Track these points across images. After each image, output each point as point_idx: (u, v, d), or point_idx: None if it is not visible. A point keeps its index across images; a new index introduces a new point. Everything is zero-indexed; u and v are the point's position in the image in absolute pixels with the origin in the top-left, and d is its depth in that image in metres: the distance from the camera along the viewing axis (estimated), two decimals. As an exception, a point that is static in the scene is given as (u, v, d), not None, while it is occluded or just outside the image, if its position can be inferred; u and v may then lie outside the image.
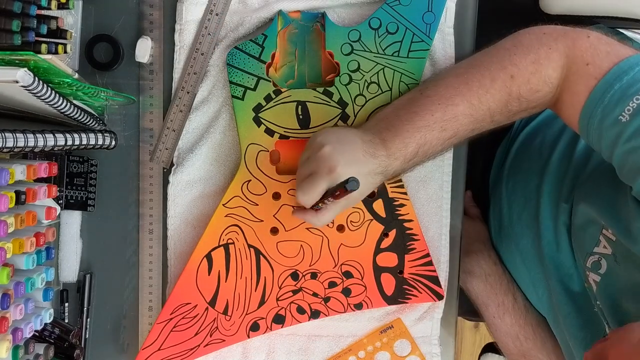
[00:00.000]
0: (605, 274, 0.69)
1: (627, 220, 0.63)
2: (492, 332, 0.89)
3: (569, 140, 0.80)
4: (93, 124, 0.72)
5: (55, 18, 0.62)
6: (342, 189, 0.60)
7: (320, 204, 0.66)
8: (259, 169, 0.75)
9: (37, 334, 0.73)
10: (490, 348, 1.03)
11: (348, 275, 0.78)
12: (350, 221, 0.76)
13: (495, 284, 0.86)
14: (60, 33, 0.63)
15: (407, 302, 0.79)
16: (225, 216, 0.75)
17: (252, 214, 0.75)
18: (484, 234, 0.91)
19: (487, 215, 0.94)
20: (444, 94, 0.67)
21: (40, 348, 0.70)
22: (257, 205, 0.75)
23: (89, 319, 0.80)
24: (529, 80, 0.66)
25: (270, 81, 0.74)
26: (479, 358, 1.06)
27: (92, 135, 0.71)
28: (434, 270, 0.79)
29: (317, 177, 0.64)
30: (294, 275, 0.77)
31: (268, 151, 0.75)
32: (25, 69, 0.55)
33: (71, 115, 0.66)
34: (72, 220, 0.79)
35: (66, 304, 0.79)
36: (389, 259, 0.78)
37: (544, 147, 0.82)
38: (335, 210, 0.67)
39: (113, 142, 0.75)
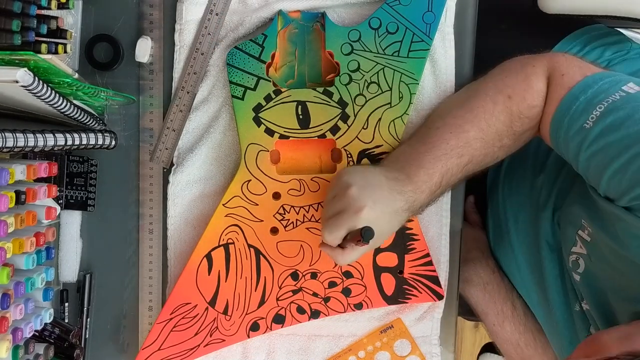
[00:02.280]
0: (583, 273, 0.70)
1: (610, 223, 0.64)
2: (493, 339, 0.89)
3: None
4: (93, 124, 0.72)
5: (55, 18, 0.62)
6: (359, 236, 0.62)
7: (345, 243, 0.67)
8: (259, 169, 0.75)
9: (37, 334, 0.73)
10: (489, 348, 1.03)
11: (348, 275, 0.78)
12: (350, 221, 0.76)
13: (494, 292, 0.86)
14: (60, 33, 0.63)
15: (407, 302, 0.79)
16: (225, 216, 0.75)
17: (252, 214, 0.75)
18: (483, 242, 0.91)
19: (486, 220, 0.94)
20: (453, 123, 0.70)
21: (40, 348, 0.71)
22: (257, 205, 0.75)
23: (89, 319, 0.80)
24: (524, 97, 0.69)
25: (270, 81, 0.74)
26: (477, 358, 1.06)
27: (92, 135, 0.71)
28: (434, 270, 0.79)
29: (344, 217, 0.65)
30: (294, 275, 0.77)
31: (268, 151, 0.75)
32: (25, 69, 0.55)
33: (71, 115, 0.66)
34: (72, 220, 0.79)
35: (66, 304, 0.79)
36: (389, 259, 0.78)
37: (539, 150, 0.83)
38: (360, 252, 0.68)
39: (113, 142, 0.75)
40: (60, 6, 0.62)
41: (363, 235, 0.61)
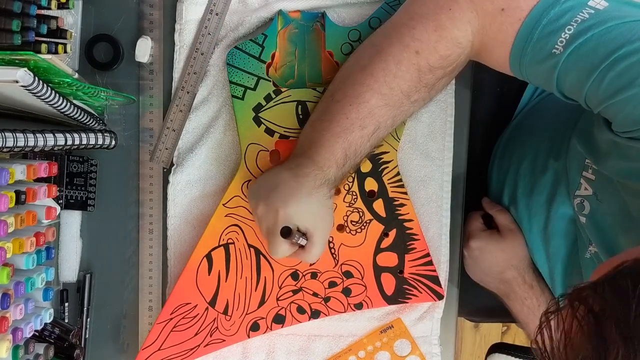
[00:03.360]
0: (589, 215, 0.68)
1: (608, 153, 0.61)
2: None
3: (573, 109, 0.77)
4: (93, 123, 0.72)
5: (55, 18, 0.62)
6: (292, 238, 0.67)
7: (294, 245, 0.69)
8: (259, 168, 0.75)
9: (37, 333, 0.73)
10: (497, 348, 1.02)
11: (348, 275, 0.78)
12: (351, 221, 0.76)
13: (533, 307, 0.83)
14: (60, 33, 0.63)
15: (407, 302, 0.79)
16: (225, 216, 0.75)
17: (252, 213, 0.75)
18: (518, 258, 0.82)
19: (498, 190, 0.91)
20: (353, 94, 0.66)
21: (40, 348, 0.70)
22: (257, 205, 0.75)
23: (89, 319, 0.80)
24: (436, 48, 0.64)
25: (270, 81, 0.74)
26: (485, 359, 1.04)
27: (92, 135, 0.71)
28: (434, 270, 0.79)
29: (272, 234, 0.68)
30: (294, 275, 0.77)
31: (268, 151, 0.75)
32: (25, 68, 0.55)
33: (71, 115, 0.66)
34: (72, 220, 0.79)
35: (66, 304, 0.79)
36: (389, 259, 0.78)
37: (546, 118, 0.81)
38: (319, 247, 0.69)
39: (113, 142, 0.75)
40: (60, 6, 0.62)
41: (283, 235, 0.66)
